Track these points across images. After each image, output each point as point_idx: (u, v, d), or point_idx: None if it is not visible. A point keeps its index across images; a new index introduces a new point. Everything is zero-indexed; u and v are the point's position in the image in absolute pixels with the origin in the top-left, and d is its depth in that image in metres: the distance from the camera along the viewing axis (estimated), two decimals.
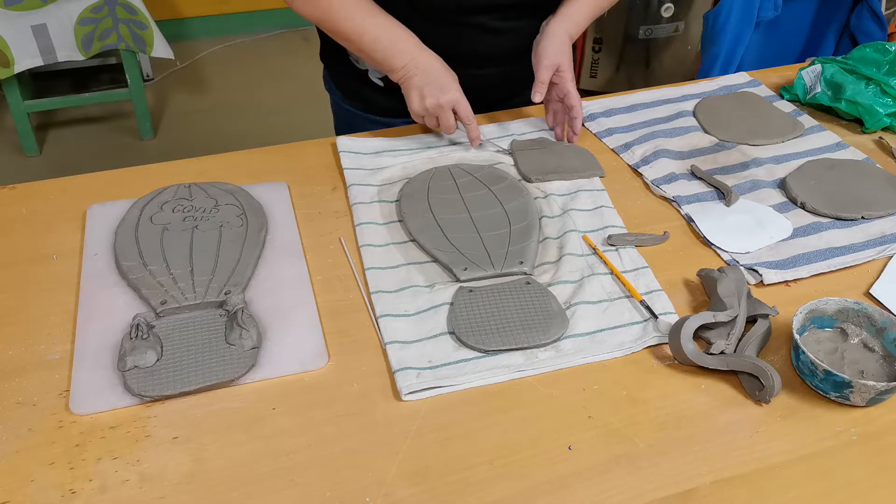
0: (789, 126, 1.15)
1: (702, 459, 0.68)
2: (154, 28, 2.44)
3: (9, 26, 2.25)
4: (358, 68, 1.17)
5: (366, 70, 1.17)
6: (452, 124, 1.03)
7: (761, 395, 0.73)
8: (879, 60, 1.17)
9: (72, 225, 0.93)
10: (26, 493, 0.64)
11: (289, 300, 0.82)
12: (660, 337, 0.79)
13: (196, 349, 0.75)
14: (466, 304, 0.81)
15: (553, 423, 0.71)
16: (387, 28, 1.02)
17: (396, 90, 1.12)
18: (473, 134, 1.04)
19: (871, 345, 0.78)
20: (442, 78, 1.01)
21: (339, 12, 1.01)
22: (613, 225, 0.95)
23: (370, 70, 1.16)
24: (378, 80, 1.17)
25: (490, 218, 0.94)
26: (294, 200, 0.98)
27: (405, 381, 0.73)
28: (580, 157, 1.06)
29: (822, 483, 0.67)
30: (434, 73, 1.02)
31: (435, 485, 0.66)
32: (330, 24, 1.03)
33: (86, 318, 0.79)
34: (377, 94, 1.18)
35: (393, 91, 1.14)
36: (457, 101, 1.01)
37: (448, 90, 1.01)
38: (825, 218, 0.97)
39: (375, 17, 1.02)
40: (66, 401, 0.71)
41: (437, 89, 1.00)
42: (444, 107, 1.01)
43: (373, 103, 1.20)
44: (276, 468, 0.66)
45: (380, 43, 1.01)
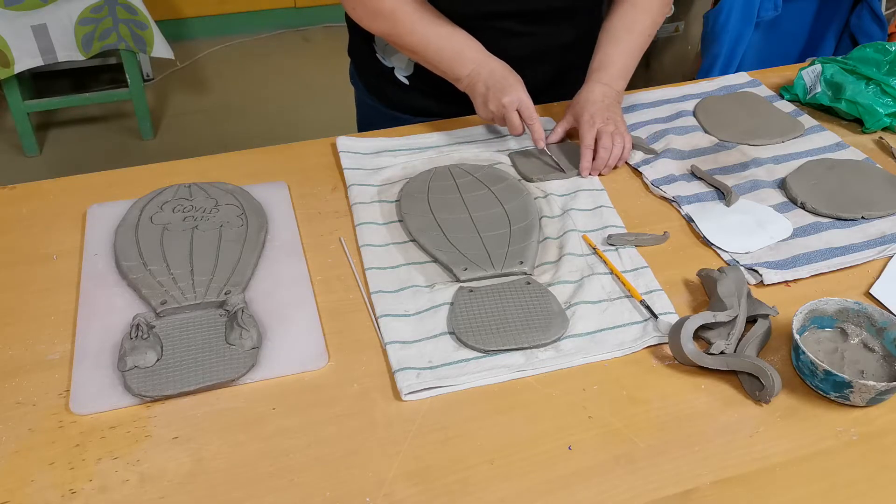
0: (789, 126, 1.15)
1: (702, 459, 0.68)
2: (154, 28, 2.44)
3: (9, 26, 2.25)
4: (384, 65, 1.19)
5: (392, 68, 1.18)
6: (518, 124, 1.02)
7: (761, 395, 0.73)
8: (879, 60, 1.17)
9: (72, 225, 0.93)
10: (26, 493, 0.64)
11: (289, 300, 0.82)
12: (660, 337, 0.79)
13: (196, 349, 0.75)
14: (466, 304, 0.81)
15: (553, 423, 0.71)
16: (450, 38, 1.04)
17: (420, 88, 1.15)
18: (536, 135, 1.03)
19: (871, 345, 0.78)
20: (504, 80, 1.02)
21: (403, 25, 1.03)
22: (613, 225, 0.95)
23: (396, 68, 1.17)
24: (403, 78, 1.18)
25: (490, 218, 0.94)
26: (294, 200, 0.98)
27: (405, 381, 0.73)
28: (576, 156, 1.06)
29: (822, 483, 0.67)
30: (496, 76, 1.02)
31: (435, 485, 0.66)
32: (396, 37, 1.05)
33: (86, 318, 0.79)
34: (402, 91, 1.19)
35: (417, 89, 1.17)
36: (520, 101, 1.01)
37: (510, 91, 1.01)
38: (825, 218, 0.97)
39: (439, 27, 1.04)
40: (66, 401, 0.71)
41: (499, 91, 1.01)
42: (508, 107, 1.01)
43: (397, 100, 1.21)
44: (276, 468, 0.66)
45: (444, 53, 1.03)
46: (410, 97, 1.19)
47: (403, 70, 1.17)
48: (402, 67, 1.17)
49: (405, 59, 1.16)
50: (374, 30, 1.07)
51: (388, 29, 1.04)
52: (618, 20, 1.10)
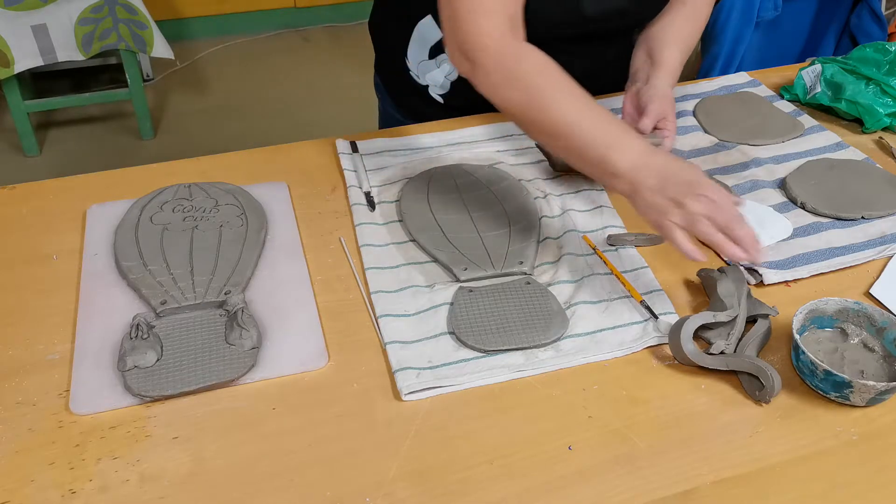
0: (789, 126, 1.15)
1: (702, 459, 0.68)
2: (154, 28, 2.44)
3: (9, 26, 2.25)
4: (418, 83, 1.15)
5: (426, 86, 1.15)
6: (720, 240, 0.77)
7: (761, 395, 0.73)
8: (879, 60, 1.17)
9: (72, 225, 0.93)
10: (26, 493, 0.64)
11: (289, 300, 0.82)
12: (660, 337, 0.79)
13: (196, 349, 0.75)
14: (466, 304, 0.81)
15: (553, 423, 0.71)
16: (606, 122, 0.82)
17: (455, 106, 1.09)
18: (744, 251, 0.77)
19: (871, 345, 0.78)
20: (681, 172, 0.79)
21: (545, 95, 0.82)
22: (613, 225, 0.95)
23: (430, 86, 1.14)
24: (438, 97, 1.15)
25: (490, 218, 0.94)
26: (294, 200, 0.98)
27: (405, 381, 0.73)
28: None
29: (822, 483, 0.67)
30: (671, 168, 0.79)
31: (435, 485, 0.66)
32: (534, 112, 0.83)
33: (86, 318, 0.79)
34: (435, 109, 1.16)
35: (452, 107, 1.13)
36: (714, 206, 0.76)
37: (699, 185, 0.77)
38: (825, 218, 0.97)
39: (592, 108, 0.82)
40: (66, 401, 0.71)
41: (683, 186, 0.77)
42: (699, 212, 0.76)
43: (429, 117, 1.16)
44: (276, 468, 0.66)
45: (597, 139, 0.81)
46: (444, 115, 1.15)
47: (439, 89, 1.14)
48: (437, 86, 1.13)
49: (441, 77, 1.12)
50: (507, 100, 0.84)
51: (527, 96, 0.83)
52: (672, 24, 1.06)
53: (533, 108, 0.83)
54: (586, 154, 0.82)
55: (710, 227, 0.77)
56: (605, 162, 0.80)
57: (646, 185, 0.78)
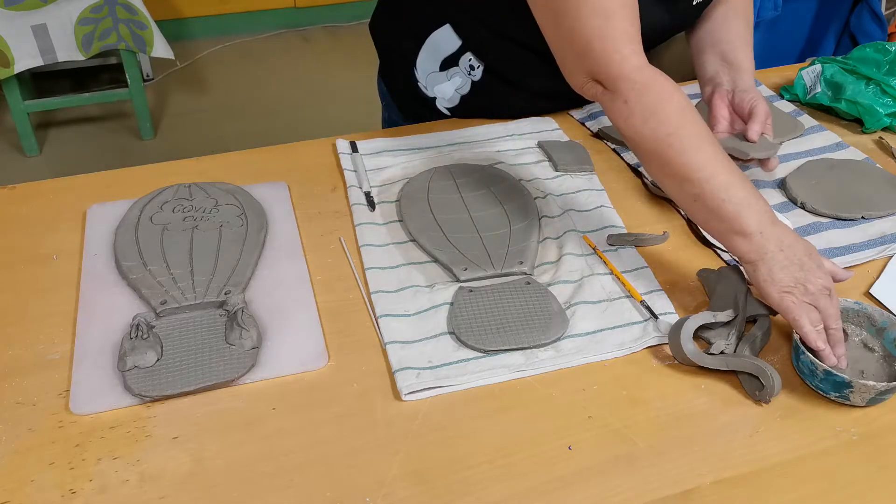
0: (789, 126, 1.15)
1: (702, 459, 0.68)
2: (154, 28, 2.44)
3: (9, 26, 2.25)
4: (426, 95, 1.15)
5: (434, 98, 1.14)
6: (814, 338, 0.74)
7: (761, 395, 0.73)
8: (879, 60, 1.18)
9: (72, 225, 0.93)
10: (26, 493, 0.64)
11: (289, 300, 0.82)
12: (660, 337, 0.79)
13: (196, 349, 0.75)
14: (466, 304, 0.81)
15: (553, 423, 0.71)
16: (741, 179, 0.79)
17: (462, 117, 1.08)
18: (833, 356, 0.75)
19: (871, 345, 0.78)
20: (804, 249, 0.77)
21: (685, 137, 0.78)
22: (613, 225, 0.95)
23: (438, 98, 1.14)
24: (445, 110, 1.15)
25: (490, 218, 0.94)
26: (294, 200, 0.98)
27: (405, 381, 0.73)
28: (574, 153, 1.06)
29: (822, 483, 0.67)
30: (797, 248, 0.77)
31: (435, 485, 0.66)
32: (667, 151, 0.79)
33: (86, 318, 0.79)
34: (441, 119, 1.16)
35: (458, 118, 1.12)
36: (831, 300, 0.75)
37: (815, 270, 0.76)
38: (825, 218, 0.97)
39: (726, 161, 0.80)
40: (66, 401, 0.71)
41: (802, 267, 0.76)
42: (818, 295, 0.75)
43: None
44: (276, 468, 0.66)
45: (733, 195, 0.77)
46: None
47: (447, 102, 1.14)
48: (445, 98, 1.13)
49: (450, 90, 1.12)
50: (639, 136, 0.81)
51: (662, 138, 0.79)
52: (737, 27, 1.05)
53: (672, 149, 0.79)
54: (720, 207, 0.78)
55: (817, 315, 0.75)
56: (737, 219, 0.77)
57: (770, 254, 0.77)
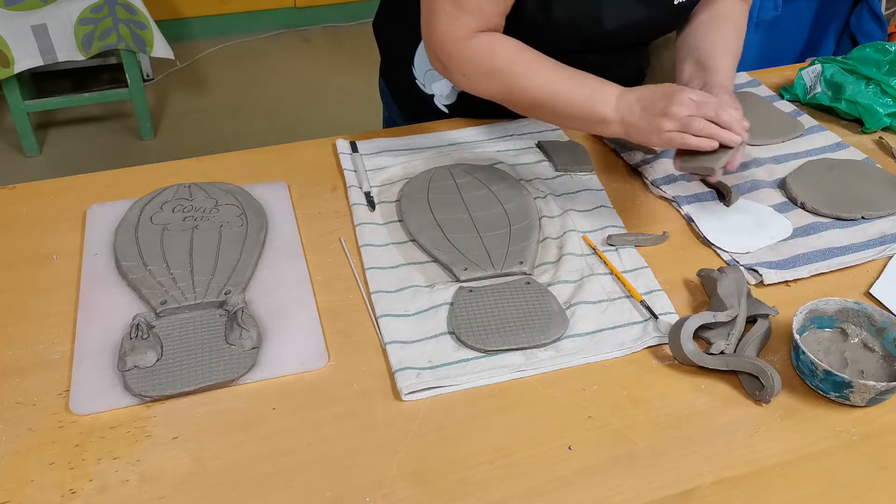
0: (789, 126, 1.15)
1: (702, 459, 0.68)
2: (154, 28, 2.44)
3: (9, 26, 2.25)
4: (424, 92, 1.15)
5: (432, 95, 1.15)
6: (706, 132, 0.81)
7: (761, 395, 0.73)
8: (879, 60, 1.17)
9: (72, 225, 0.93)
10: (26, 493, 0.64)
11: (289, 300, 0.82)
12: (660, 337, 0.79)
13: (196, 349, 0.75)
14: (466, 304, 0.81)
15: (553, 423, 0.71)
16: (580, 80, 0.89)
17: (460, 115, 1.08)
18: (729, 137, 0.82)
19: (871, 345, 0.78)
20: (659, 90, 0.85)
21: (522, 79, 0.89)
22: (613, 225, 0.95)
23: (437, 95, 1.14)
24: (444, 107, 1.15)
25: (490, 218, 0.94)
26: (294, 200, 0.98)
27: (405, 381, 0.73)
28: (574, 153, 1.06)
29: (822, 483, 0.67)
30: (648, 93, 0.85)
31: (435, 485, 0.66)
32: (515, 94, 0.91)
33: (86, 318, 0.79)
34: (440, 118, 1.16)
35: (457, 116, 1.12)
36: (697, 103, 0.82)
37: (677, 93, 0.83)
38: (825, 218, 0.97)
39: (565, 72, 0.89)
40: (66, 401, 0.71)
41: (664, 100, 0.83)
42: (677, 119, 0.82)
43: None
44: (276, 468, 0.66)
45: (576, 97, 0.88)
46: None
47: (445, 99, 1.14)
48: (443, 96, 1.13)
49: (447, 87, 1.13)
50: (489, 92, 0.93)
51: (506, 85, 0.91)
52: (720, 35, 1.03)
53: (514, 92, 0.91)
54: (573, 113, 0.89)
55: (701, 121, 0.82)
56: (591, 114, 0.87)
57: (633, 117, 0.85)
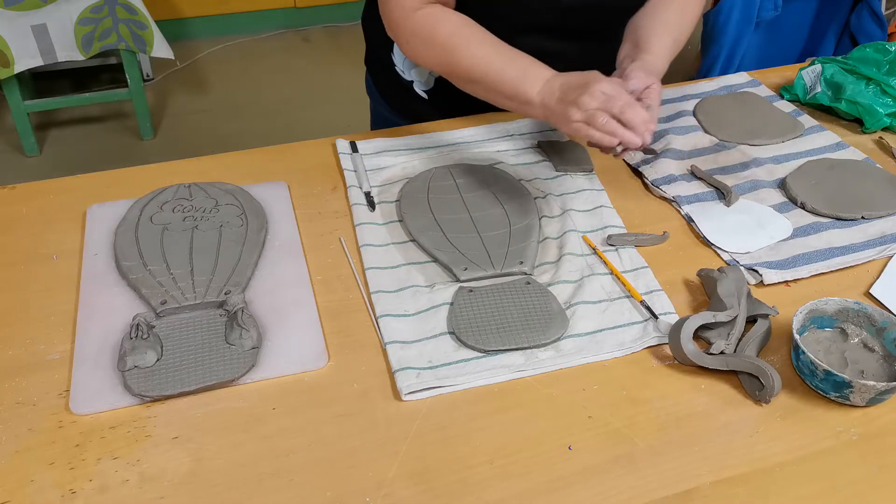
0: (789, 126, 1.15)
1: (702, 459, 0.68)
2: (154, 28, 2.44)
3: (9, 26, 2.25)
4: (403, 79, 1.16)
5: (411, 81, 1.15)
6: (607, 128, 0.83)
7: (761, 395, 0.73)
8: (879, 60, 1.17)
9: (72, 225, 0.93)
10: (26, 493, 0.64)
11: (289, 300, 0.82)
12: (660, 337, 0.79)
13: (196, 349, 0.75)
14: (466, 304, 0.81)
15: (553, 423, 0.71)
16: (513, 59, 0.91)
17: (440, 103, 1.09)
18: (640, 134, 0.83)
19: (871, 345, 0.78)
20: (579, 78, 0.87)
21: (460, 51, 0.92)
22: (613, 225, 0.95)
23: (415, 82, 1.15)
24: (422, 93, 1.15)
25: (490, 218, 0.94)
26: (294, 200, 0.98)
27: (405, 381, 0.73)
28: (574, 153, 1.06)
29: (822, 483, 0.67)
30: (570, 79, 0.87)
31: (435, 485, 0.66)
32: (453, 65, 0.94)
33: (86, 318, 0.79)
34: (421, 105, 1.17)
35: (436, 104, 1.13)
36: (606, 94, 0.83)
37: (592, 83, 0.84)
38: (825, 218, 0.97)
39: (501, 50, 0.92)
40: (66, 401, 0.71)
41: (579, 89, 0.85)
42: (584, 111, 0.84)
43: (416, 114, 1.18)
44: (276, 468, 0.66)
45: (507, 74, 0.90)
46: (430, 112, 1.16)
47: (423, 84, 1.14)
48: (421, 81, 1.14)
49: (425, 73, 1.13)
50: (428, 62, 0.98)
51: (444, 58, 0.94)
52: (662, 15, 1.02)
53: (451, 64, 0.94)
54: (503, 91, 0.91)
55: (605, 117, 0.83)
56: (518, 93, 0.90)
57: (551, 101, 0.87)
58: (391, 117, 1.23)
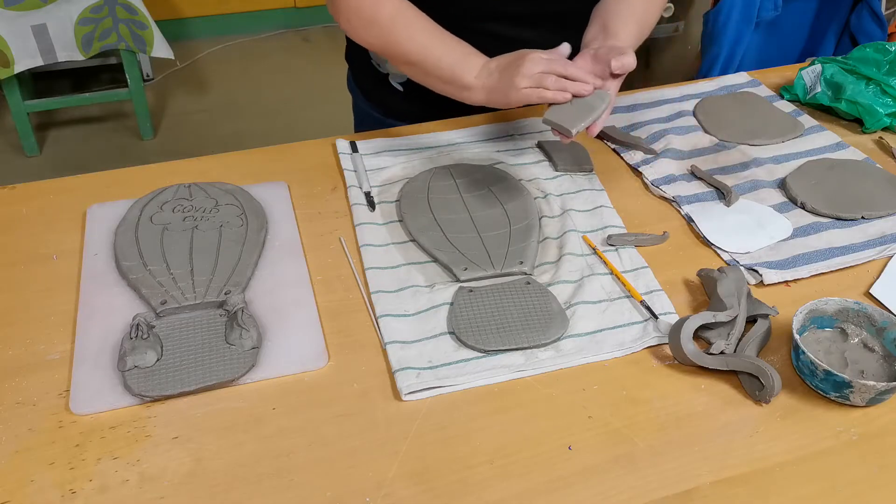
0: (789, 126, 1.15)
1: (702, 459, 0.68)
2: (154, 28, 2.44)
3: (9, 26, 2.25)
4: (379, 72, 1.16)
5: (387, 74, 1.16)
6: (558, 86, 0.87)
7: (761, 395, 0.73)
8: (879, 60, 1.17)
9: (72, 225, 0.93)
10: (26, 493, 0.64)
11: (289, 300, 0.82)
12: (660, 337, 0.79)
13: (196, 349, 0.75)
14: (466, 304, 0.81)
15: (553, 423, 0.71)
16: (452, 46, 0.94)
17: (415, 96, 1.09)
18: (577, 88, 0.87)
19: (871, 345, 0.78)
20: (513, 55, 0.90)
21: (399, 34, 0.94)
22: (613, 225, 0.95)
23: (391, 74, 1.15)
24: (398, 85, 1.16)
25: (490, 218, 0.94)
26: (294, 200, 0.98)
27: (405, 381, 0.73)
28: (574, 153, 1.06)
29: (822, 483, 0.67)
30: (503, 58, 0.91)
31: (435, 485, 0.66)
32: (392, 47, 0.96)
33: (86, 318, 0.79)
34: (398, 99, 1.17)
35: (412, 97, 1.13)
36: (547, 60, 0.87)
37: (527, 53, 0.88)
38: (825, 218, 0.97)
39: (440, 37, 0.95)
40: (66, 401, 0.71)
41: (517, 60, 0.89)
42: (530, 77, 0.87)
43: (393, 108, 1.19)
44: (276, 468, 0.66)
45: (444, 62, 0.93)
46: (406, 105, 1.17)
47: (399, 77, 1.15)
48: (397, 74, 1.15)
49: None
50: (367, 41, 0.99)
51: (384, 38, 0.96)
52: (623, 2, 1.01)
53: (390, 45, 0.96)
54: (441, 76, 0.94)
55: (552, 77, 0.87)
56: (455, 79, 0.93)
57: (492, 80, 0.90)
58: (370, 111, 1.23)
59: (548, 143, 1.09)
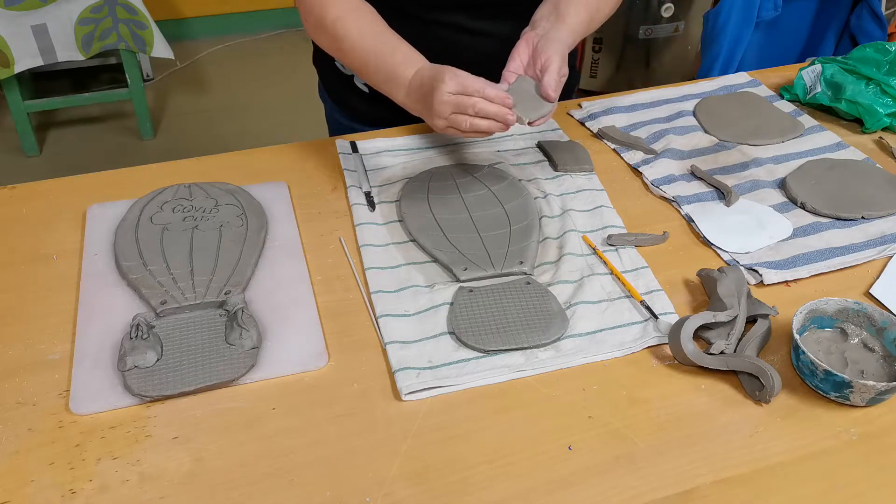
0: (789, 126, 1.15)
1: (702, 459, 0.68)
2: (154, 28, 2.44)
3: (9, 26, 2.25)
4: (344, 73, 1.16)
5: (351, 75, 1.15)
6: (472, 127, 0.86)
7: (761, 395, 0.73)
8: (879, 60, 1.17)
9: (72, 225, 0.93)
10: (26, 493, 0.64)
11: (289, 300, 0.82)
12: (660, 337, 0.79)
13: (196, 349, 0.75)
14: (466, 304, 0.81)
15: (553, 423, 0.71)
16: (386, 55, 0.92)
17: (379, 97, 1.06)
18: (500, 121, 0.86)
19: (871, 345, 0.78)
20: (429, 80, 0.87)
21: (344, 40, 0.94)
22: (613, 225, 0.95)
23: (354, 76, 1.15)
24: (363, 87, 1.15)
25: (490, 218, 0.94)
26: (294, 200, 0.98)
27: (405, 381, 0.73)
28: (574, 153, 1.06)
29: (822, 483, 0.67)
30: (422, 80, 0.88)
31: (435, 485, 0.66)
32: (339, 53, 0.97)
33: (86, 318, 0.79)
34: (363, 101, 1.16)
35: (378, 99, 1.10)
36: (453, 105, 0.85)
37: (434, 90, 0.85)
38: (825, 218, 0.97)
39: (383, 42, 0.93)
40: (66, 401, 0.71)
41: (428, 95, 0.87)
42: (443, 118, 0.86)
43: (360, 111, 1.18)
44: (276, 468, 0.66)
45: (380, 73, 0.93)
46: (372, 107, 1.15)
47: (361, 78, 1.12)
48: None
49: None
50: (321, 44, 0.99)
51: (331, 43, 0.96)
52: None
53: (340, 51, 0.96)
54: (378, 86, 0.95)
55: (466, 120, 0.86)
56: (389, 93, 0.93)
57: (418, 106, 0.90)
58: (340, 117, 1.22)
59: (548, 143, 1.09)
